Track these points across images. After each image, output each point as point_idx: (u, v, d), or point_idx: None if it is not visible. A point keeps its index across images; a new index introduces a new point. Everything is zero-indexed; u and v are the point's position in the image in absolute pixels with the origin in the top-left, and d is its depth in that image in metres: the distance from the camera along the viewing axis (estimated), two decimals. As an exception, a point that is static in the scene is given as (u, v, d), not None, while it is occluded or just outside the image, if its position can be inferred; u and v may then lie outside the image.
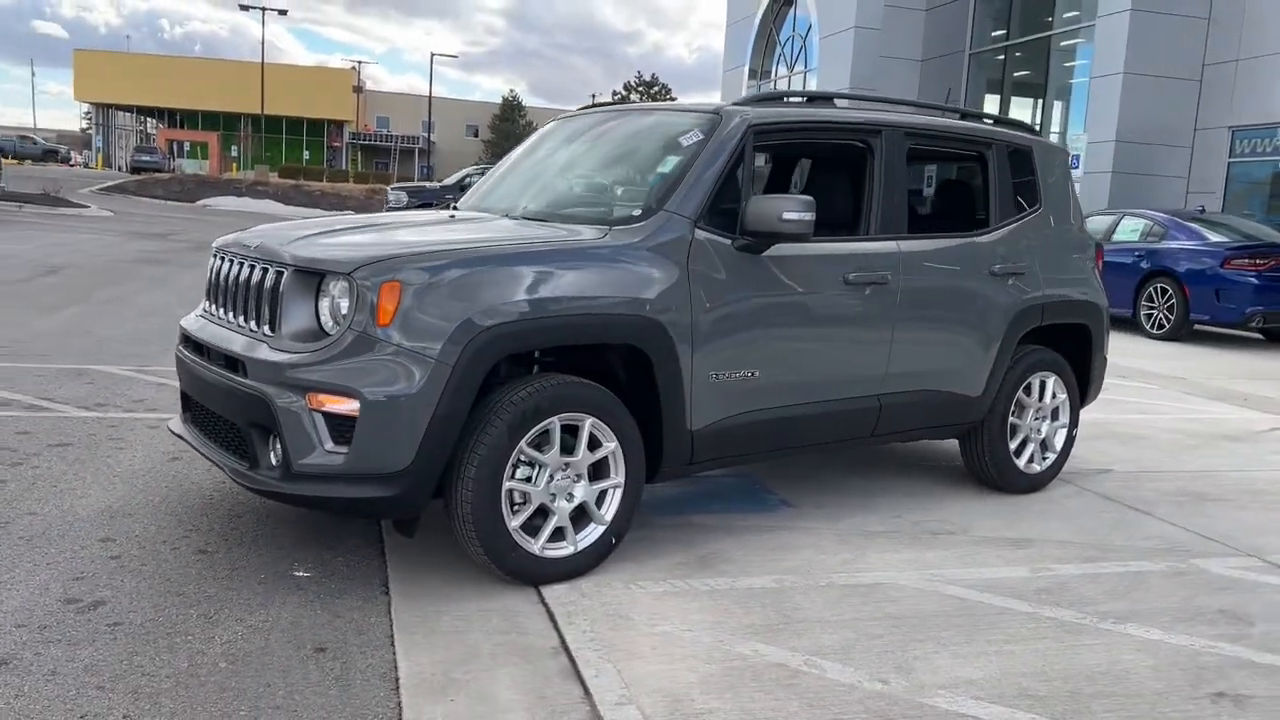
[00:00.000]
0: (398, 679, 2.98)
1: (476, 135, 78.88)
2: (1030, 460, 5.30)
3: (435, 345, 3.39)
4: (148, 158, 54.63)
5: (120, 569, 3.64)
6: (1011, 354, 5.06)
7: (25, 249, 15.68)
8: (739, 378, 4.11)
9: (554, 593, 3.66)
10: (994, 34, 25.15)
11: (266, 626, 3.27)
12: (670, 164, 4.21)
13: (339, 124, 75.03)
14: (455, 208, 4.93)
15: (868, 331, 4.51)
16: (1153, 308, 13.05)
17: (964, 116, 5.29)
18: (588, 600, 3.61)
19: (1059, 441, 5.42)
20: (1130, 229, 13.83)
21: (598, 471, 3.83)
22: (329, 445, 3.41)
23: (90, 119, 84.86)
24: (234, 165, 67.11)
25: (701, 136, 4.21)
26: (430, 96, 61.74)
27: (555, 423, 3.64)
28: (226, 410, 3.71)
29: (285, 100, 65.84)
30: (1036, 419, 5.31)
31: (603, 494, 3.84)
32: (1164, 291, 12.91)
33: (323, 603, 3.48)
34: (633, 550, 4.13)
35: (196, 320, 4.17)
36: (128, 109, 77.14)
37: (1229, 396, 8.91)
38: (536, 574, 3.69)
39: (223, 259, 4.08)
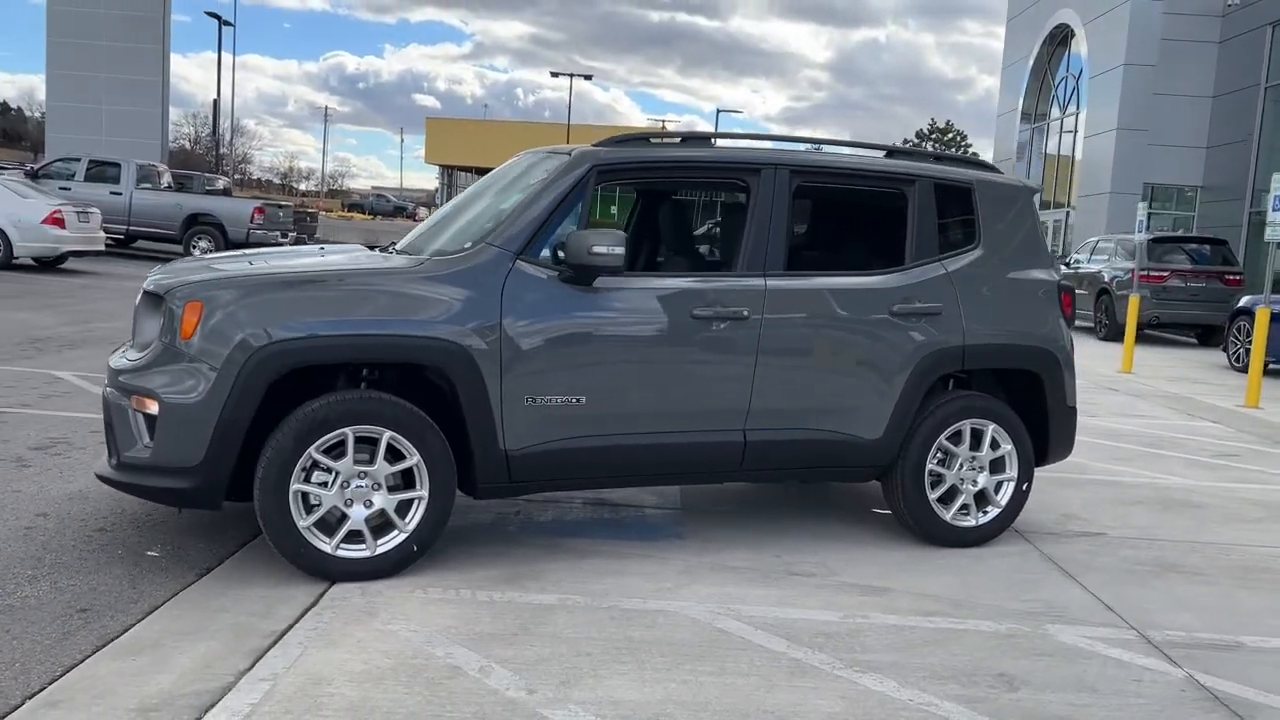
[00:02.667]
0: (111, 640, 3.48)
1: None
2: (963, 512, 4.99)
3: (220, 358, 3.89)
4: (473, 212, 60.21)
5: (22, 537, 4.40)
6: (922, 397, 4.83)
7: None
8: (561, 403, 4.29)
9: (340, 589, 4.02)
10: (1298, 66, 22.58)
11: (69, 588, 3.89)
12: (513, 201, 4.49)
13: (649, 179, 78.87)
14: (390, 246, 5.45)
15: (721, 366, 4.53)
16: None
17: (891, 154, 5.14)
18: (361, 598, 3.95)
19: (1004, 496, 5.05)
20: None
21: (409, 482, 4.16)
22: (145, 440, 4.00)
23: (439, 179, 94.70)
24: (553, 219, 72.22)
25: (544, 176, 4.47)
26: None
27: (349, 433, 4.02)
28: (104, 412, 4.41)
29: (601, 158, 70.08)
30: (971, 469, 4.99)
31: (408, 504, 4.16)
32: None
33: (135, 577, 4.06)
34: (460, 560, 4.41)
35: None
36: (467, 169, 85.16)
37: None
38: (331, 571, 4.06)
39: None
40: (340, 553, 4.07)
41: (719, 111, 59.38)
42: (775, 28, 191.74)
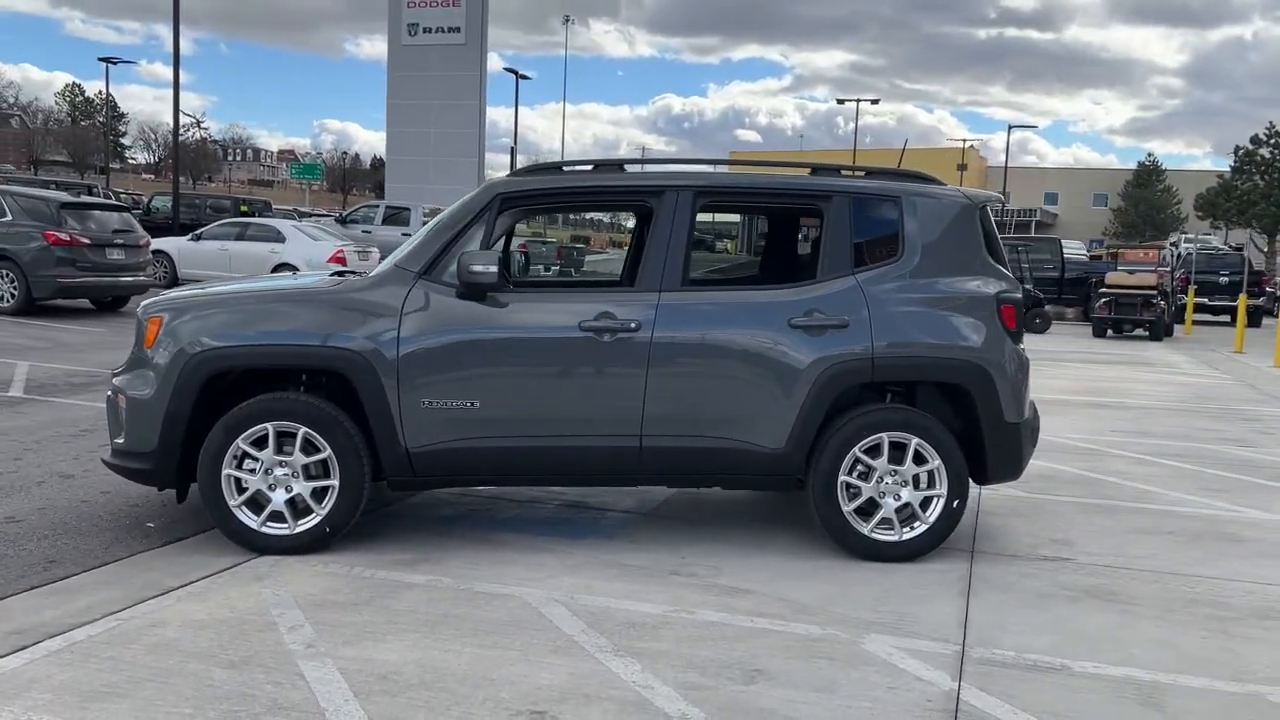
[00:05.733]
0: (48, 583, 4.37)
1: (1105, 204, 76.34)
2: (884, 526, 4.94)
3: (165, 363, 4.75)
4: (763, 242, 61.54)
5: (75, 508, 5.48)
6: (827, 409, 4.87)
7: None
8: (456, 407, 4.80)
9: (259, 559, 4.73)
10: None
11: (60, 545, 4.87)
12: (431, 227, 5.07)
13: (950, 200, 77.37)
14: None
15: (613, 376, 4.84)
16: None
17: (815, 171, 5.20)
18: (267, 567, 4.64)
19: (933, 512, 4.94)
20: None
21: (327, 472, 4.83)
22: (123, 430, 4.94)
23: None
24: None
25: (460, 204, 5.02)
26: (1005, 167, 60.90)
27: (269, 428, 4.75)
28: (110, 408, 5.41)
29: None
30: (894, 483, 4.94)
31: (323, 491, 4.82)
32: None
33: (115, 542, 4.97)
34: (387, 544, 5.02)
35: None
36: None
37: None
38: (256, 544, 4.80)
39: None
40: (265, 529, 4.79)
41: (1010, 127, 56.72)
42: (1117, 35, 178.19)
